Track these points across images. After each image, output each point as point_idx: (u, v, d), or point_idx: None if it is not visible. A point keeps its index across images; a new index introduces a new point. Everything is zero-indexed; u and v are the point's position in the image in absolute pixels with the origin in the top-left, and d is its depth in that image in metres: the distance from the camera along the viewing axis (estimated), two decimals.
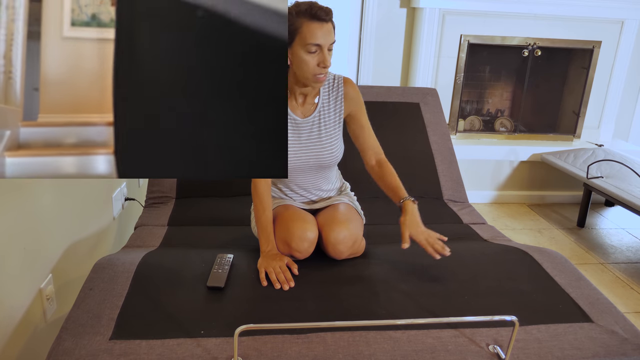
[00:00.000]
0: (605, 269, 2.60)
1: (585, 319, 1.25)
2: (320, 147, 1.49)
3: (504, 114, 3.71)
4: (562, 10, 3.23)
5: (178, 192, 2.10)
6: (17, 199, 1.33)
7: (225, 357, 1.08)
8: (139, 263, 1.41)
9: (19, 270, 1.34)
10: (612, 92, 3.51)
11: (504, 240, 1.78)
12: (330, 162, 1.52)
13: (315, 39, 1.29)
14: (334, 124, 1.51)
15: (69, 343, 1.10)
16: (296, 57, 1.33)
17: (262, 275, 1.36)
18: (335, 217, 1.47)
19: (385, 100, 2.43)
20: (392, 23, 3.28)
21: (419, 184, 2.23)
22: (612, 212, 3.40)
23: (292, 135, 1.46)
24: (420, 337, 1.16)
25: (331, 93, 1.50)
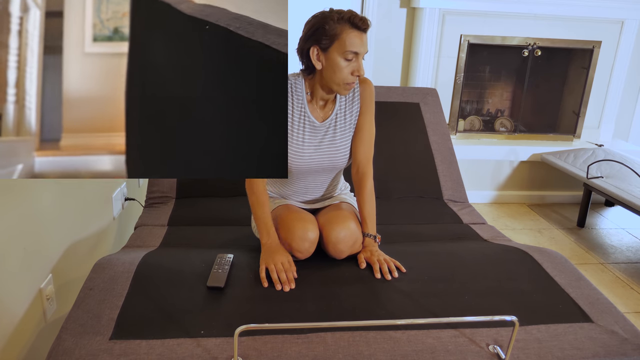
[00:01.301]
0: (605, 269, 2.59)
1: (585, 319, 1.25)
2: (335, 150, 1.50)
3: (504, 114, 3.71)
4: (562, 10, 3.23)
5: (178, 192, 2.10)
6: (17, 199, 1.33)
7: (225, 357, 1.08)
8: (139, 263, 1.40)
9: (19, 270, 1.34)
10: (612, 92, 3.51)
11: (504, 240, 1.78)
12: (343, 165, 1.54)
13: (354, 47, 1.32)
14: (349, 126, 1.52)
15: (69, 343, 1.10)
16: (331, 62, 1.34)
17: (263, 274, 1.35)
18: (336, 217, 1.47)
19: (385, 100, 2.43)
20: (392, 23, 3.27)
21: (419, 184, 2.23)
22: (612, 212, 3.40)
23: (309, 139, 1.47)
24: (420, 337, 1.16)
25: (347, 96, 1.51)
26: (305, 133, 1.46)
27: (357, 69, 1.34)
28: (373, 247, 1.47)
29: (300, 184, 1.55)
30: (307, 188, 1.56)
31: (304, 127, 1.46)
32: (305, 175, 1.52)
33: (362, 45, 1.33)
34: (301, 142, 1.46)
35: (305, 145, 1.47)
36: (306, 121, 1.46)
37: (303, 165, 1.48)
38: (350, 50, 1.32)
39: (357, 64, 1.34)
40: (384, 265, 1.40)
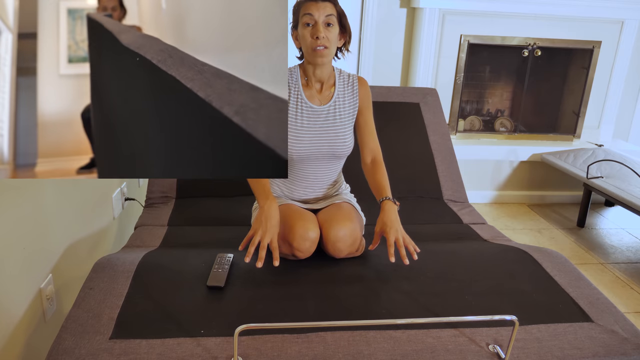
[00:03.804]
0: (605, 269, 2.59)
1: (585, 319, 1.25)
2: (334, 135, 1.53)
3: (504, 114, 3.71)
4: (562, 10, 3.23)
5: (178, 192, 2.10)
6: (17, 199, 1.33)
7: (225, 356, 1.08)
8: (139, 263, 1.41)
9: (19, 270, 1.34)
10: (612, 92, 3.51)
11: (504, 240, 1.78)
12: (342, 153, 1.56)
13: (308, 10, 1.41)
14: (348, 115, 1.56)
15: (69, 342, 1.10)
16: (300, 35, 1.45)
17: (247, 239, 1.38)
18: (336, 215, 1.47)
19: (385, 100, 2.43)
20: (392, 23, 3.28)
21: (419, 184, 2.23)
22: (612, 212, 3.40)
23: (308, 123, 1.51)
24: (420, 336, 1.16)
25: (346, 87, 1.57)
26: (303, 117, 1.50)
27: (315, 32, 1.40)
28: (392, 214, 1.44)
29: (301, 176, 1.55)
30: (308, 182, 1.57)
31: (302, 112, 1.50)
32: (305, 164, 1.53)
33: (318, 9, 1.40)
34: (299, 126, 1.49)
35: (304, 129, 1.50)
36: (303, 106, 1.50)
37: (303, 151, 1.50)
38: (305, 12, 1.40)
39: (316, 28, 1.40)
40: (401, 248, 1.38)
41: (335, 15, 1.42)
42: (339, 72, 1.57)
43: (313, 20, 1.40)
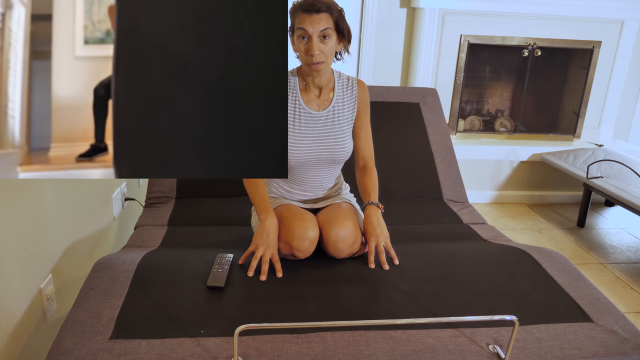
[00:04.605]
0: (605, 269, 2.60)
1: (585, 319, 1.25)
2: (333, 141, 1.52)
3: (504, 114, 3.71)
4: (562, 10, 3.23)
5: (178, 192, 2.10)
6: (17, 199, 1.33)
7: (225, 356, 1.08)
8: (139, 263, 1.41)
9: (19, 270, 1.34)
10: (612, 92, 3.51)
11: (504, 240, 1.78)
12: (341, 157, 1.55)
13: (301, 24, 1.36)
14: (346, 120, 1.55)
15: (69, 342, 1.10)
16: (294, 44, 1.42)
17: (248, 253, 1.41)
18: (336, 216, 1.47)
19: (385, 100, 2.43)
20: (392, 23, 3.28)
21: (419, 184, 2.23)
22: (612, 212, 3.40)
23: (306, 129, 1.50)
24: (420, 336, 1.16)
25: (346, 91, 1.55)
26: (301, 124, 1.49)
27: (309, 48, 1.37)
28: (373, 218, 1.48)
29: (300, 180, 1.55)
30: (307, 186, 1.57)
31: (300, 118, 1.49)
32: (304, 169, 1.53)
33: (312, 23, 1.35)
34: (297, 132, 1.48)
35: (302, 135, 1.49)
36: (301, 111, 1.49)
37: (301, 158, 1.49)
38: (299, 27, 1.37)
39: (310, 44, 1.37)
40: (381, 254, 1.43)
41: (331, 27, 1.37)
42: (339, 75, 1.55)
43: (307, 34, 1.36)
